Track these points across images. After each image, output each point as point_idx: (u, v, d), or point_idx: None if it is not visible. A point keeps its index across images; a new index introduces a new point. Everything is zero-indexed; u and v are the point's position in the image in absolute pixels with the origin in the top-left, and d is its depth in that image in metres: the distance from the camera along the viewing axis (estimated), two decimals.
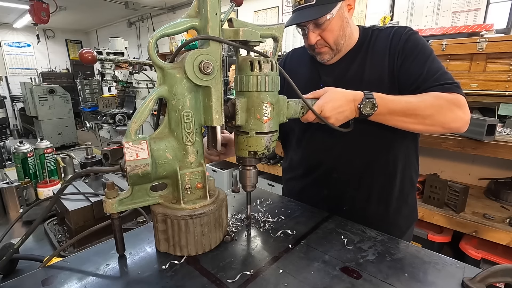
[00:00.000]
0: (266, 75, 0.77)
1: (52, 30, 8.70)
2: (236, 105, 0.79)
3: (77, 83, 7.52)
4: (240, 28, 0.75)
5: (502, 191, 2.18)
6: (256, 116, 0.79)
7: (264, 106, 0.79)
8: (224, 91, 0.77)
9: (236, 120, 0.80)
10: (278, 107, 0.83)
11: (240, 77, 0.79)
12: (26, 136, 7.70)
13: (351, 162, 1.12)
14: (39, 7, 4.81)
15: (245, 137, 0.82)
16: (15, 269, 0.89)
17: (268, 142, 0.83)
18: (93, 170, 1.26)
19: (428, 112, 0.92)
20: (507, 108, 2.13)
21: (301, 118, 0.91)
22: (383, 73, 1.04)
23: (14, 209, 1.31)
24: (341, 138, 1.03)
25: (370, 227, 0.93)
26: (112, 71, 4.31)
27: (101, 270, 0.72)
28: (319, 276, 0.69)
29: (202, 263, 0.74)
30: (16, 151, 1.48)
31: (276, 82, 0.81)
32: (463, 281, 0.66)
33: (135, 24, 7.10)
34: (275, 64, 0.80)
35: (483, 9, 2.47)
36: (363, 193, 1.13)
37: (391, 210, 1.15)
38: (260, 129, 0.81)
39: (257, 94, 0.78)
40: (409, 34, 1.03)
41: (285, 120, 0.87)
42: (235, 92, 0.83)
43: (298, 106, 0.89)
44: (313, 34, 1.03)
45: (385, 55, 1.05)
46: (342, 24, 1.03)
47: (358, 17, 3.25)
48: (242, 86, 0.79)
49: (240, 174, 0.89)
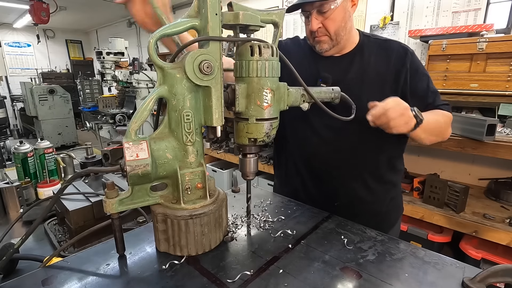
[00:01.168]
0: (266, 60, 0.76)
1: (52, 30, 8.69)
2: (236, 91, 0.77)
3: (77, 83, 7.53)
4: (240, 12, 0.74)
5: (502, 191, 2.18)
6: (256, 102, 0.78)
7: (264, 92, 0.78)
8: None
9: (236, 106, 0.78)
10: (278, 93, 0.82)
11: (239, 63, 0.78)
12: (26, 136, 7.70)
13: (343, 159, 1.14)
14: (39, 7, 4.81)
15: (245, 123, 0.80)
16: (15, 269, 0.89)
17: (268, 129, 0.82)
18: (93, 170, 1.27)
19: (444, 131, 1.14)
20: (507, 108, 2.13)
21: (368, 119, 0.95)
22: (388, 77, 1.10)
23: (14, 209, 1.31)
24: (331, 136, 1.10)
25: (360, 222, 0.96)
26: (112, 71, 4.31)
27: (101, 270, 0.72)
28: (319, 276, 0.69)
29: (202, 263, 0.74)
30: (16, 151, 1.48)
31: (276, 68, 0.79)
32: (463, 281, 0.66)
33: (135, 24, 7.09)
34: (276, 49, 0.79)
35: (483, 9, 2.47)
36: (354, 188, 1.16)
37: (382, 203, 1.21)
38: (260, 116, 0.79)
39: (257, 80, 0.77)
40: (412, 52, 1.13)
41: (285, 107, 0.86)
42: (235, 79, 0.82)
43: (299, 93, 0.88)
44: (316, 21, 1.05)
45: (389, 63, 1.11)
46: (344, 16, 1.06)
47: (358, 17, 3.25)
48: (242, 72, 0.78)
49: (240, 162, 0.88)
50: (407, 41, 2.94)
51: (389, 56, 1.12)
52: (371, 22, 3.15)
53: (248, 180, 0.90)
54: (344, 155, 1.14)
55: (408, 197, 2.34)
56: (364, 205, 1.18)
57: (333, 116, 0.91)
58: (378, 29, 3.09)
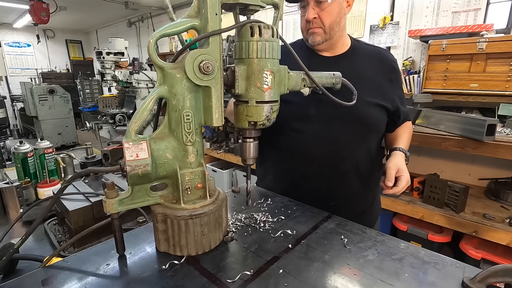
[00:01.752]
0: (267, 41, 0.75)
1: (52, 30, 8.69)
2: (235, 72, 0.76)
3: (77, 83, 7.52)
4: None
5: (502, 191, 2.18)
6: (256, 84, 0.77)
7: (265, 73, 0.76)
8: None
9: (236, 88, 0.77)
10: (279, 76, 0.81)
11: (239, 44, 0.77)
12: (26, 136, 7.70)
13: (333, 156, 1.17)
14: (39, 7, 4.80)
15: (245, 106, 0.79)
16: (15, 269, 0.89)
17: (268, 112, 0.80)
18: (93, 170, 1.26)
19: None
20: (507, 108, 2.14)
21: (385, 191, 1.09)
22: (382, 81, 1.19)
23: (14, 209, 1.31)
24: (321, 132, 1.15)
25: (349, 218, 0.97)
26: (112, 71, 4.31)
27: (101, 270, 0.72)
28: (319, 276, 0.69)
29: (202, 263, 0.74)
30: (16, 151, 1.48)
31: (276, 50, 0.78)
32: (463, 281, 0.66)
33: (135, 24, 7.09)
34: (276, 31, 0.78)
35: (483, 9, 2.47)
36: (345, 187, 1.20)
37: (366, 202, 1.28)
38: (260, 98, 0.78)
39: (257, 61, 0.76)
40: (395, 61, 1.26)
41: (286, 91, 0.85)
42: (235, 61, 0.80)
43: (300, 77, 0.87)
44: (312, 11, 1.09)
45: (381, 69, 1.20)
46: (339, 12, 1.11)
47: (358, 17, 3.25)
48: (241, 53, 0.77)
49: (240, 147, 0.87)
50: (407, 41, 2.94)
51: (382, 62, 1.21)
52: (371, 22, 3.15)
53: (248, 166, 0.89)
54: (333, 150, 1.17)
55: (408, 197, 2.34)
56: (349, 202, 1.22)
57: (334, 101, 0.91)
58: (378, 29, 3.10)
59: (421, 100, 2.44)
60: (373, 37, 3.15)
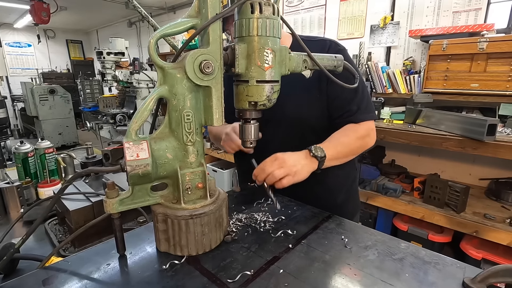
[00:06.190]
0: (267, 18, 0.73)
1: (53, 30, 8.70)
2: (235, 50, 0.74)
3: (77, 83, 7.53)
4: None
5: (503, 191, 2.18)
6: (256, 63, 0.75)
7: (265, 52, 0.74)
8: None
9: (236, 67, 0.75)
10: (280, 55, 0.79)
11: (239, 21, 0.75)
12: (27, 136, 7.71)
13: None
14: (40, 7, 4.81)
15: (245, 86, 0.77)
16: (15, 269, 0.90)
17: (269, 92, 0.78)
18: (94, 170, 1.26)
19: (358, 148, 1.13)
20: (507, 108, 2.14)
21: None
22: (320, 77, 1.11)
23: (15, 209, 1.31)
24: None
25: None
26: (113, 71, 4.32)
27: (101, 270, 0.72)
28: (320, 276, 0.69)
29: (202, 263, 0.74)
30: (17, 151, 1.48)
31: (277, 28, 0.76)
32: (463, 281, 0.66)
33: (136, 24, 7.09)
34: (277, 8, 0.76)
35: (484, 9, 2.47)
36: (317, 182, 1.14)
37: (336, 194, 1.27)
38: (261, 77, 0.76)
39: (258, 39, 0.74)
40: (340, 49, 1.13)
41: (287, 72, 0.83)
42: (235, 39, 0.78)
43: (301, 59, 0.85)
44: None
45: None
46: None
47: (358, 17, 3.25)
48: (242, 31, 0.75)
49: (240, 129, 0.85)
50: (407, 41, 2.94)
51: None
52: (372, 22, 3.15)
53: (248, 149, 0.88)
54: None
55: (408, 197, 2.34)
56: (318, 190, 1.18)
57: (337, 83, 0.90)
58: (379, 29, 3.09)
59: (421, 100, 2.44)
60: (374, 37, 3.14)
